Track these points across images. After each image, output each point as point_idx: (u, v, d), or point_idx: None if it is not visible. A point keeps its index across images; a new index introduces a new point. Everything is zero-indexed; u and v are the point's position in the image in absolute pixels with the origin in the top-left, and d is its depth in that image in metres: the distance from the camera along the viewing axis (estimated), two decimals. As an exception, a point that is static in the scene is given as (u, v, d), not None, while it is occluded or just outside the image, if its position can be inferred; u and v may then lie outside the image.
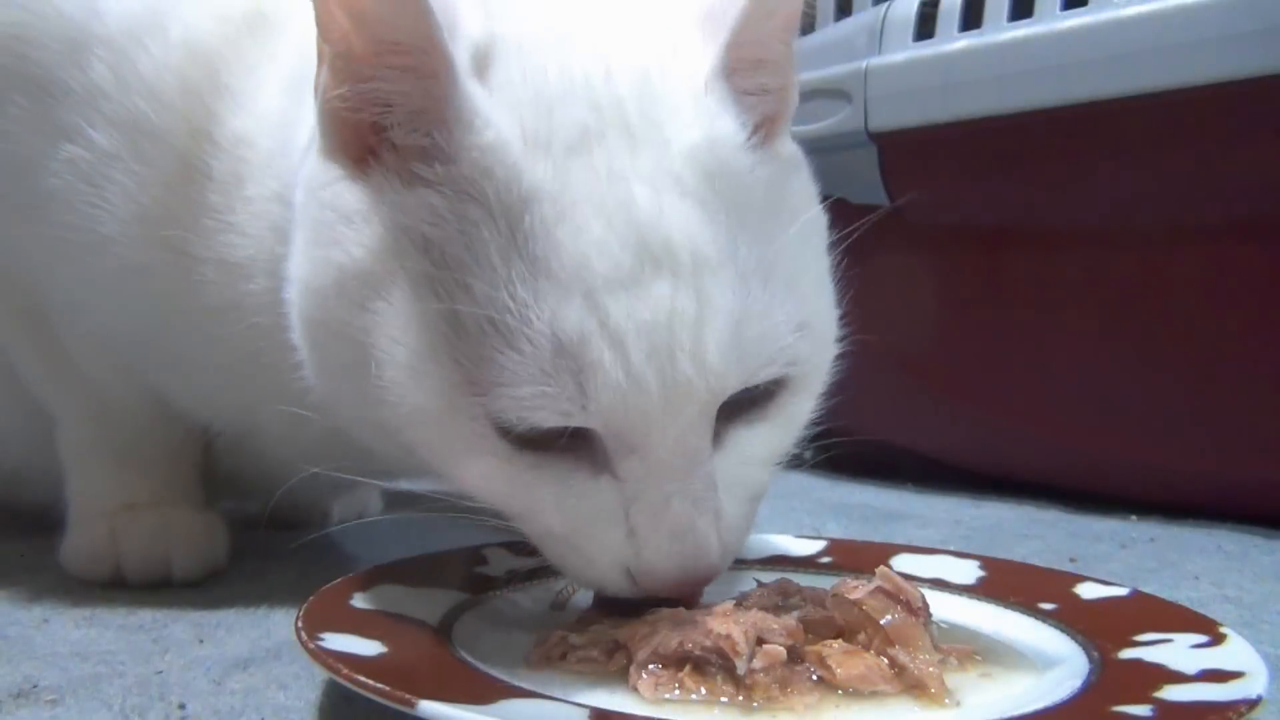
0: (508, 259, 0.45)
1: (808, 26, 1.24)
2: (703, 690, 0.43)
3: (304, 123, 0.53)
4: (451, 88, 0.46)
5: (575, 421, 0.45)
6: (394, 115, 0.47)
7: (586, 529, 0.48)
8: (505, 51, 0.48)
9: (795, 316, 0.48)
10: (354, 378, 0.49)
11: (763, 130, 0.50)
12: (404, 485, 0.70)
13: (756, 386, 0.48)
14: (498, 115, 0.46)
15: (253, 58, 0.59)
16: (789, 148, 0.53)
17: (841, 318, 0.55)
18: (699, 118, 0.47)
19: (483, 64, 0.47)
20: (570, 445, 0.47)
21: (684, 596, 0.48)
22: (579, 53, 0.48)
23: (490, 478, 0.48)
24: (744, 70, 0.49)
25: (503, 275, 0.45)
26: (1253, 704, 0.39)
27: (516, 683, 0.43)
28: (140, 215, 0.60)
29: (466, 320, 0.46)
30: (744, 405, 0.48)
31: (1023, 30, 0.95)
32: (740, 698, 0.43)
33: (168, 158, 0.59)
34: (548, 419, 0.45)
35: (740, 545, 0.50)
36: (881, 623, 0.45)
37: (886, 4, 1.08)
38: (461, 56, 0.46)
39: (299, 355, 0.53)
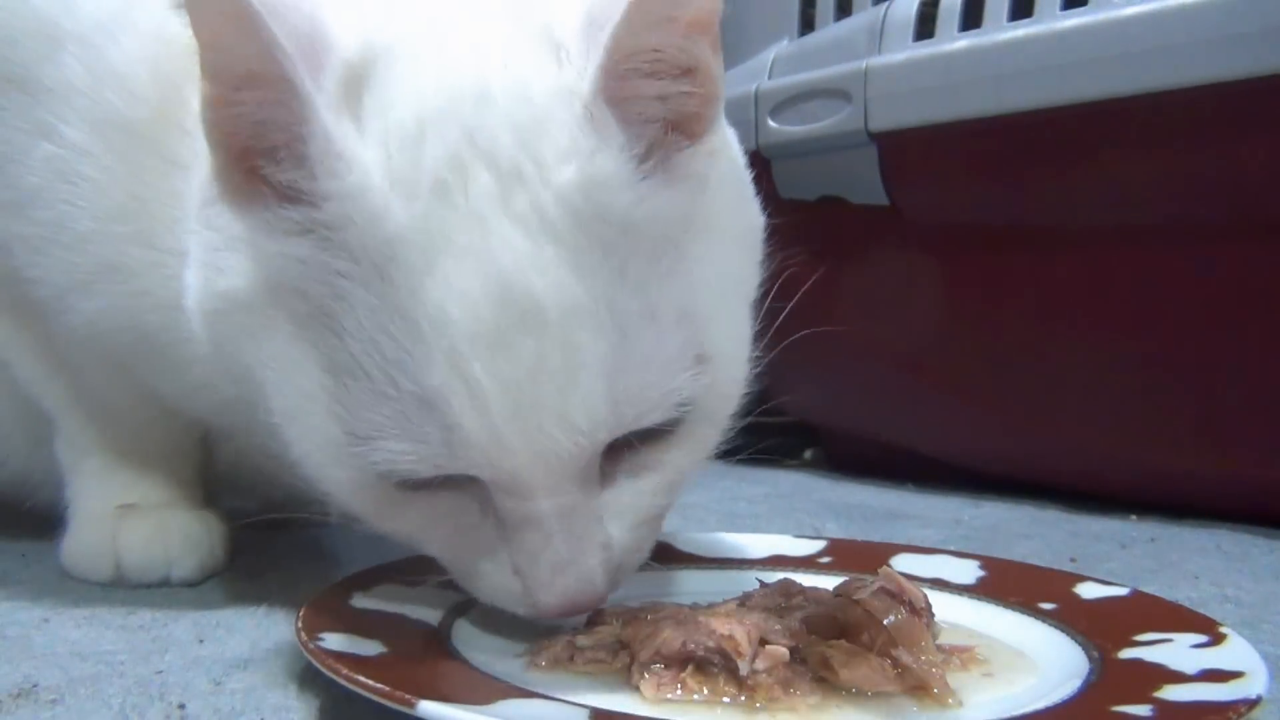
0: (376, 314, 0.44)
1: (808, 26, 1.24)
2: (705, 690, 0.43)
3: None
4: (309, 126, 0.43)
5: (448, 471, 0.45)
6: (263, 145, 0.45)
7: (475, 564, 0.48)
8: (380, 72, 0.45)
9: (691, 350, 0.46)
10: (253, 398, 0.49)
11: (673, 140, 0.46)
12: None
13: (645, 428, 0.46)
14: (362, 154, 0.43)
15: None
16: (711, 144, 0.49)
17: (757, 324, 0.53)
18: (575, 153, 0.44)
19: (355, 88, 0.45)
20: (455, 485, 0.46)
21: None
22: (456, 72, 0.45)
23: (381, 516, 0.49)
24: (636, 83, 0.45)
25: (370, 329, 0.44)
26: (1252, 704, 0.39)
27: (516, 683, 0.43)
28: (114, 211, 0.59)
29: (341, 372, 0.45)
30: (636, 440, 0.47)
31: (1023, 30, 0.95)
32: (743, 698, 0.43)
33: (140, 150, 0.58)
34: (421, 470, 0.45)
35: (638, 562, 0.50)
36: (885, 623, 0.45)
37: (886, 4, 1.08)
38: (328, 85, 0.44)
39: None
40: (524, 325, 0.43)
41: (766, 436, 0.54)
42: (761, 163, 1.13)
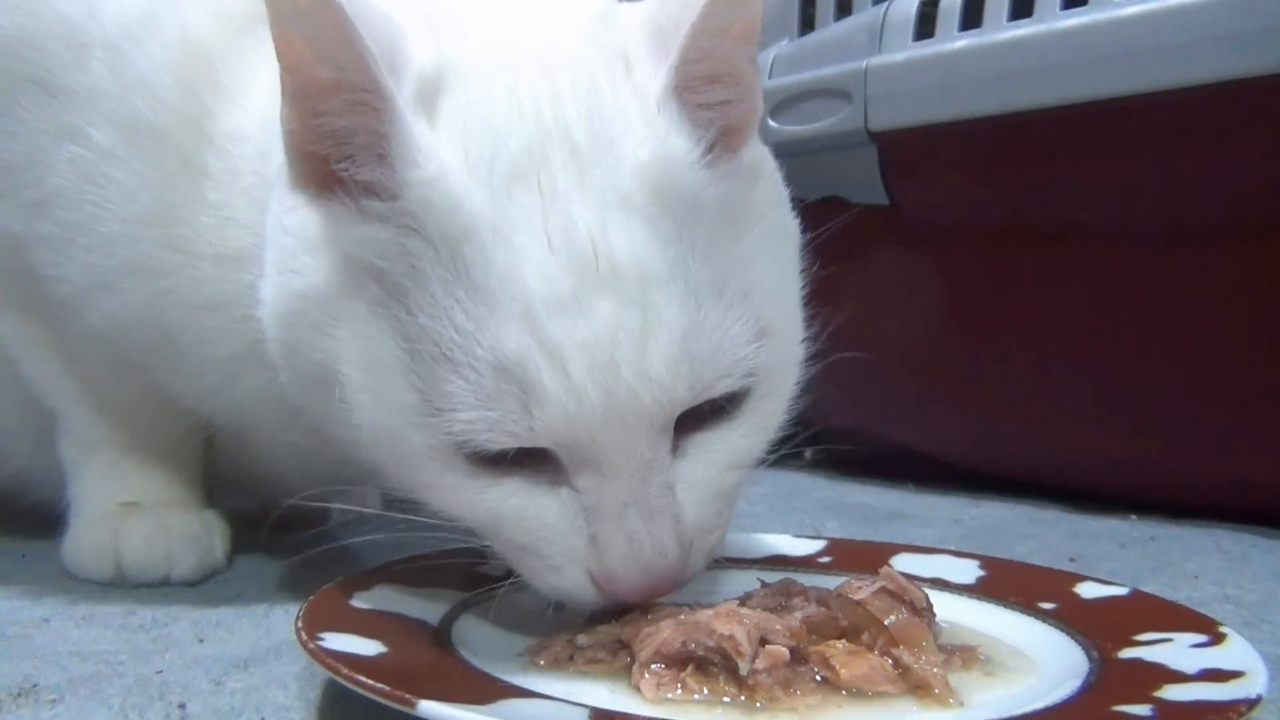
0: (450, 289, 0.46)
1: (808, 26, 1.24)
2: (705, 690, 0.43)
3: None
4: (392, 124, 0.46)
5: (524, 442, 0.46)
6: (344, 150, 0.48)
7: (549, 539, 0.48)
8: (454, 80, 0.48)
9: (753, 326, 0.48)
10: (321, 398, 0.50)
11: (722, 143, 0.50)
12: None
13: (715, 398, 0.48)
14: (440, 149, 0.46)
15: (249, 55, 0.59)
16: (754, 154, 0.53)
17: (812, 318, 0.55)
18: (650, 137, 0.47)
19: (431, 95, 0.48)
20: (528, 459, 0.47)
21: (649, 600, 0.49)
22: (528, 75, 0.48)
23: (452, 494, 0.49)
24: (698, 86, 0.49)
25: (445, 305, 0.46)
26: (1253, 704, 0.39)
27: (516, 682, 0.43)
28: (142, 215, 0.60)
29: (418, 348, 0.46)
30: (706, 414, 0.49)
31: (1023, 30, 0.95)
32: (743, 698, 0.43)
33: (167, 156, 0.59)
34: (496, 441, 0.46)
35: (712, 545, 0.51)
36: (885, 623, 0.45)
37: (886, 4, 1.08)
38: (406, 91, 0.47)
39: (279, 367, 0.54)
40: (601, 287, 0.45)
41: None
42: (761, 163, 1.13)
